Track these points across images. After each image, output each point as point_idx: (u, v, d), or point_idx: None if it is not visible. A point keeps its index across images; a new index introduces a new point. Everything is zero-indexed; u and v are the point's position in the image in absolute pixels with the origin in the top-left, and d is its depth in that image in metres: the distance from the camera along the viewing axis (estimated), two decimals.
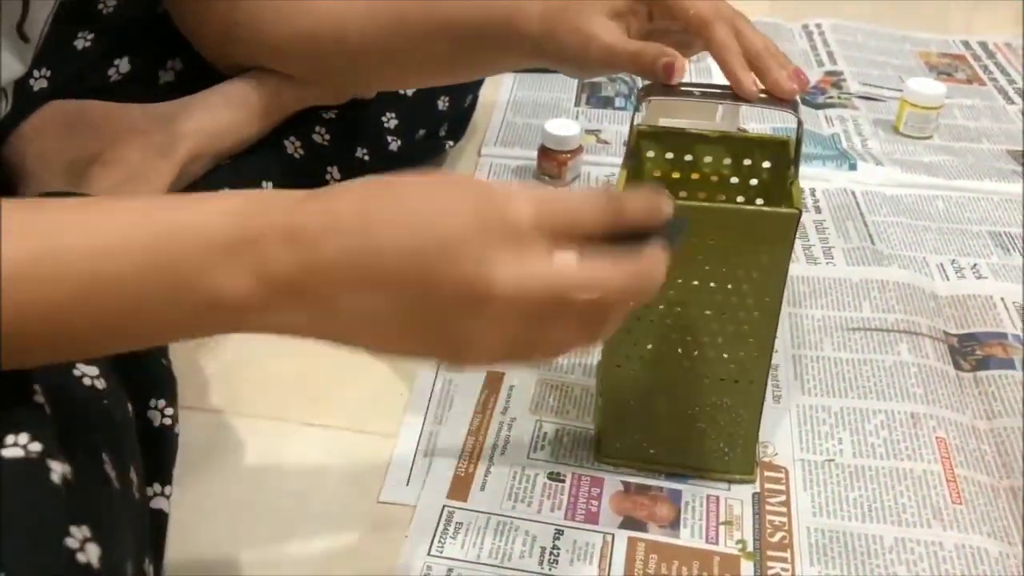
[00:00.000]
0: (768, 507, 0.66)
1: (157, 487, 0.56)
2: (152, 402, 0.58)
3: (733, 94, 0.62)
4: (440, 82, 0.89)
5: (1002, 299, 0.86)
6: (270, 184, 0.81)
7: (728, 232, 0.58)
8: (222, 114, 0.78)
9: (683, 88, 0.62)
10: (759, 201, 0.66)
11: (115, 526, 0.42)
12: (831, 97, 1.23)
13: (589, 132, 1.12)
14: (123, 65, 0.81)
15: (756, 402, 0.64)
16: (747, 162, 0.66)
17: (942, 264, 0.91)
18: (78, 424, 0.44)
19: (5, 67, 0.58)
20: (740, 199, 0.67)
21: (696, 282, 0.60)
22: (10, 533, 0.36)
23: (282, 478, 0.68)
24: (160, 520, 0.56)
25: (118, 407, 0.51)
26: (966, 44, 1.41)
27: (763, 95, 0.61)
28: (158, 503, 0.56)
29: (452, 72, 0.81)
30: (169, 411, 0.58)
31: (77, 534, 0.38)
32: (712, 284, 0.60)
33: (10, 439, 0.39)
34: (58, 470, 0.39)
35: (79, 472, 0.41)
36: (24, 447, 0.39)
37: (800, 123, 0.59)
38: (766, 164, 0.66)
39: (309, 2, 0.76)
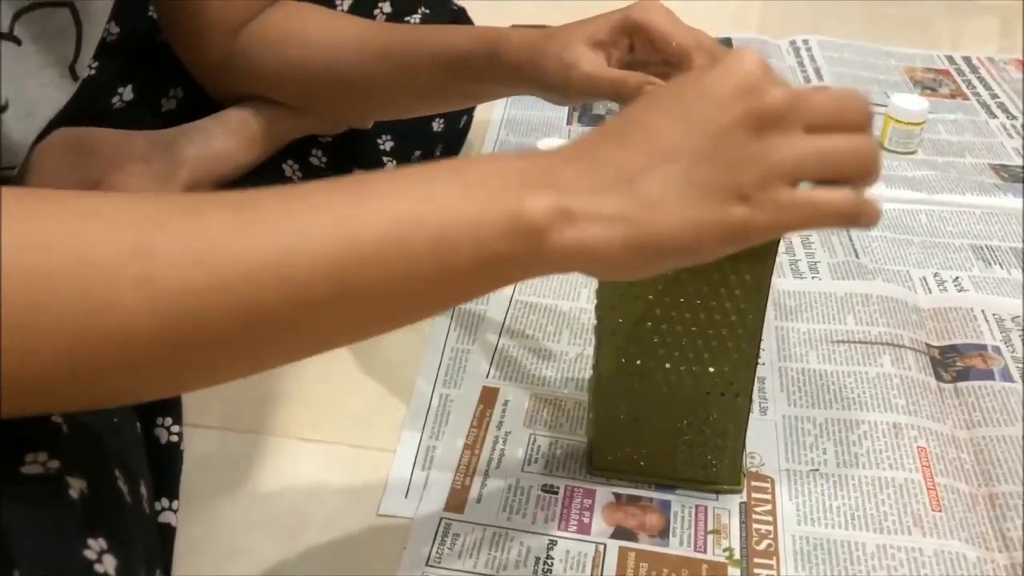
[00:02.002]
0: (755, 516, 0.68)
1: (165, 502, 0.59)
2: (159, 420, 0.60)
3: None
4: (430, 111, 0.92)
5: (983, 311, 0.88)
6: None
7: None
8: (220, 141, 0.81)
9: None
10: None
11: (130, 539, 0.44)
12: None
13: None
14: (126, 93, 0.83)
15: (742, 415, 0.67)
16: None
17: (925, 277, 0.93)
18: (91, 442, 0.46)
19: (54, 103, 0.61)
20: None
21: (682, 299, 0.62)
22: (33, 545, 0.38)
23: (283, 492, 0.70)
24: (168, 534, 0.58)
25: (127, 425, 0.53)
26: (950, 59, 1.44)
27: None
28: (166, 517, 0.58)
29: (440, 101, 0.83)
30: (176, 428, 0.60)
31: (95, 546, 0.40)
32: (697, 301, 0.62)
33: (30, 457, 0.41)
34: (75, 486, 0.42)
35: (94, 487, 0.43)
36: (44, 464, 0.41)
37: None
38: None
39: (302, 34, 0.79)
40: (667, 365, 0.65)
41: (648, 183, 0.45)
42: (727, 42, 1.43)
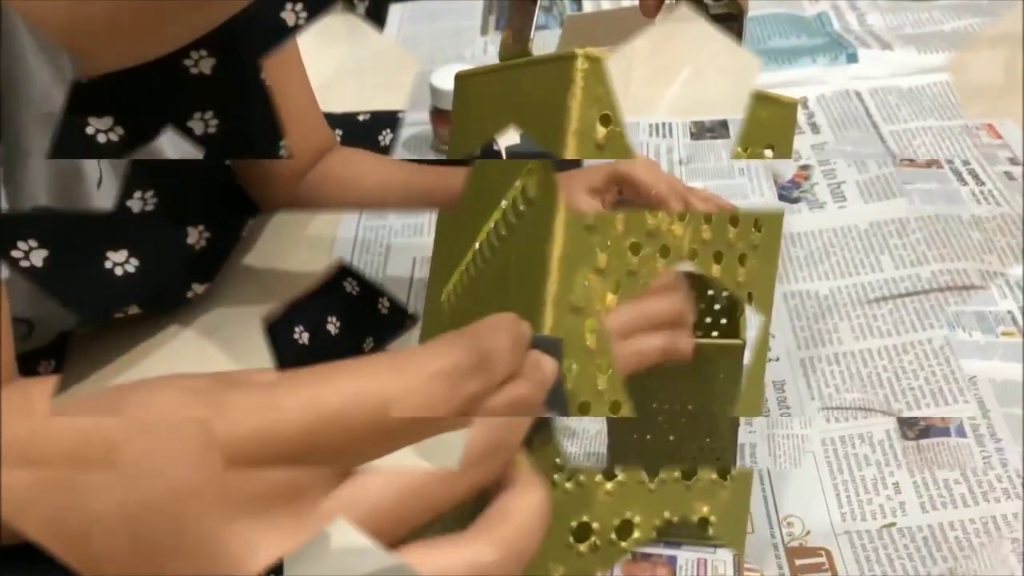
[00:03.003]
0: (747, 565, 0.83)
1: None
2: None
3: None
4: None
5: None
6: (334, 318, 1.00)
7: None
8: None
9: None
10: (714, 333, 0.84)
11: None
12: (804, 191, 1.40)
13: None
14: None
15: None
16: (710, 292, 0.84)
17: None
18: None
19: None
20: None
21: (667, 401, 0.78)
22: None
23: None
24: None
25: None
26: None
27: None
28: None
29: None
30: None
31: None
32: (683, 397, 0.78)
33: None
34: None
35: None
36: None
37: None
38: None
39: (356, 180, 0.96)
40: (664, 445, 0.80)
41: None
42: (724, 125, 1.59)
